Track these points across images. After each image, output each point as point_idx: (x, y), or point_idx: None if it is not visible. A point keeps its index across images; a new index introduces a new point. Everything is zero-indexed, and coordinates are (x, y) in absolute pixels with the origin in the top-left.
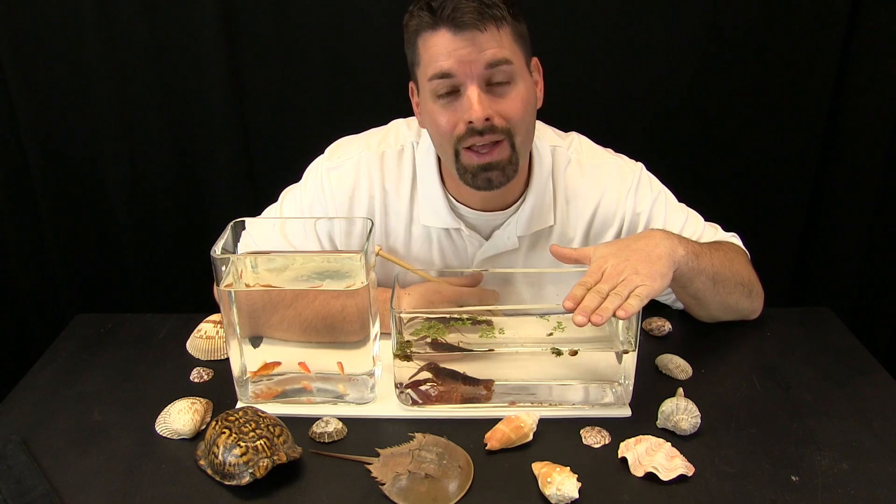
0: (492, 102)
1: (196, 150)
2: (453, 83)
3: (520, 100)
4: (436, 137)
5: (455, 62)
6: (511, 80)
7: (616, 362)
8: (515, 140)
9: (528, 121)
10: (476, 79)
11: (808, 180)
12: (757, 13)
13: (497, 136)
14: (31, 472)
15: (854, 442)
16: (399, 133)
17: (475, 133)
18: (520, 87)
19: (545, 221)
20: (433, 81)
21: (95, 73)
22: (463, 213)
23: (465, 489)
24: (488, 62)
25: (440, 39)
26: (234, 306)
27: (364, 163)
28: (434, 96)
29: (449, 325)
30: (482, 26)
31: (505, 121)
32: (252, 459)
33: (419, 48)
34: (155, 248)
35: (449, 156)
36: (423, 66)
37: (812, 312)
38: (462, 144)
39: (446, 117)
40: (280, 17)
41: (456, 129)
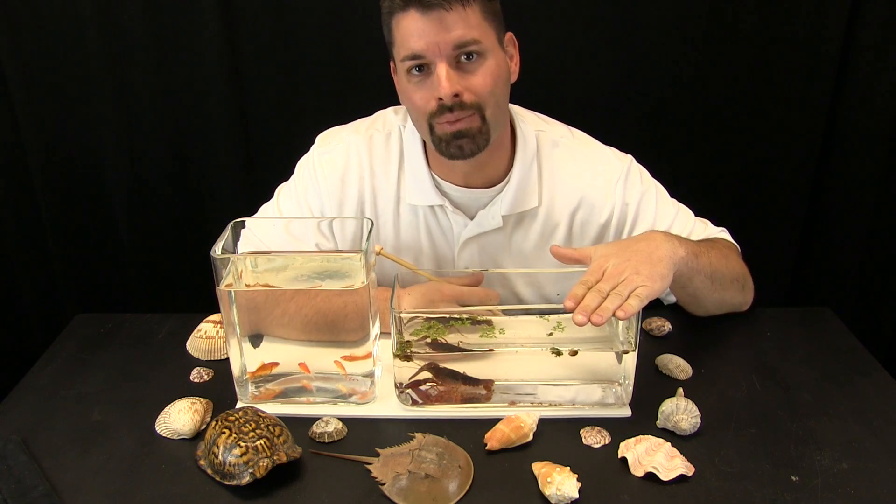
0: (460, 79)
1: (196, 150)
2: (424, 62)
3: (488, 75)
4: (412, 114)
5: (424, 43)
6: (480, 55)
7: (616, 362)
8: (486, 112)
9: (497, 94)
10: (445, 58)
11: (808, 180)
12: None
13: (466, 111)
14: (31, 472)
15: (854, 442)
16: (387, 119)
17: (445, 110)
18: (489, 63)
19: (529, 202)
20: (406, 62)
21: (95, 73)
22: (447, 190)
23: (465, 489)
24: (455, 43)
25: (410, 21)
26: (234, 306)
27: (353, 146)
28: (407, 75)
29: (449, 325)
30: (448, 6)
31: (474, 95)
32: (252, 459)
33: (392, 29)
34: (155, 248)
35: (425, 130)
36: (397, 47)
37: (812, 312)
38: (434, 120)
39: (419, 94)
40: (280, 17)
41: (428, 105)
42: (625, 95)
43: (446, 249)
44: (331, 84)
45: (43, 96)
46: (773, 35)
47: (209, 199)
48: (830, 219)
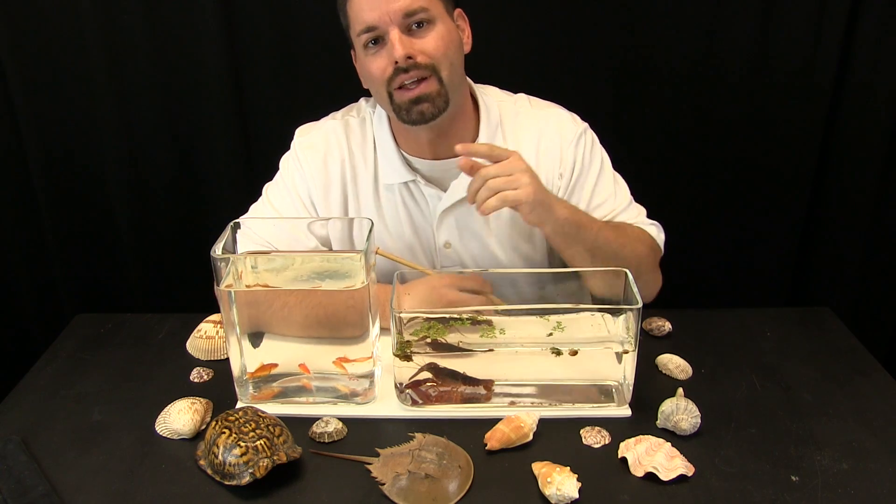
0: (413, 42)
1: (196, 150)
2: (378, 34)
3: (439, 38)
4: (372, 86)
5: (376, 14)
6: (430, 21)
7: (616, 362)
8: (441, 74)
9: (451, 57)
10: (396, 25)
11: (808, 180)
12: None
13: (422, 71)
14: (31, 472)
15: (854, 442)
16: (360, 106)
17: (401, 71)
18: (439, 28)
19: None
20: (361, 36)
21: (95, 73)
22: (417, 165)
23: (465, 489)
24: (404, 10)
25: None
26: (234, 306)
27: (332, 131)
28: (364, 50)
29: (449, 324)
30: None
31: (427, 57)
32: (252, 459)
33: (347, 11)
34: (155, 248)
35: (385, 101)
36: (353, 25)
37: (812, 312)
38: (392, 86)
39: (376, 64)
40: (280, 17)
41: (385, 72)
42: (625, 96)
43: (425, 224)
44: (331, 84)
45: (43, 96)
46: (774, 34)
47: (209, 199)
48: (830, 219)
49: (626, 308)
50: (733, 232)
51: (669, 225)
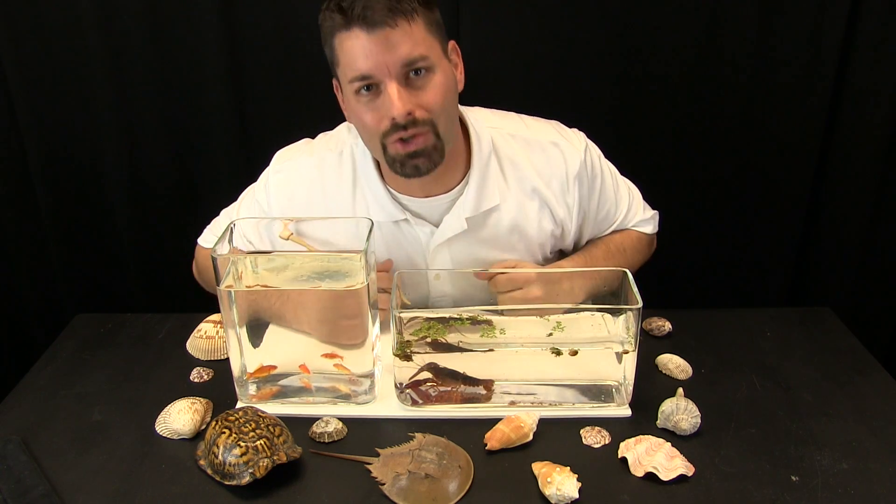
0: (411, 96)
1: (196, 150)
2: (373, 82)
3: (439, 89)
4: (363, 134)
5: (372, 63)
6: (428, 70)
7: (616, 362)
8: (439, 129)
9: (448, 108)
10: (394, 76)
11: (808, 180)
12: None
13: (420, 128)
14: (31, 472)
15: (854, 442)
16: (339, 137)
17: (399, 128)
18: (437, 77)
19: (492, 200)
20: (354, 83)
21: (95, 73)
22: (406, 203)
23: (465, 489)
24: (404, 61)
25: (354, 41)
26: (234, 306)
27: (304, 168)
28: (356, 95)
29: (448, 324)
30: (393, 23)
31: (426, 112)
32: (252, 459)
33: (336, 48)
34: (155, 249)
35: (378, 151)
36: (343, 67)
37: (812, 312)
38: (388, 139)
39: (370, 115)
40: (280, 17)
41: (381, 125)
42: (625, 95)
43: (415, 256)
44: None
45: (43, 96)
46: (774, 34)
47: (209, 199)
48: (830, 219)
49: (626, 308)
50: (733, 232)
51: (669, 225)
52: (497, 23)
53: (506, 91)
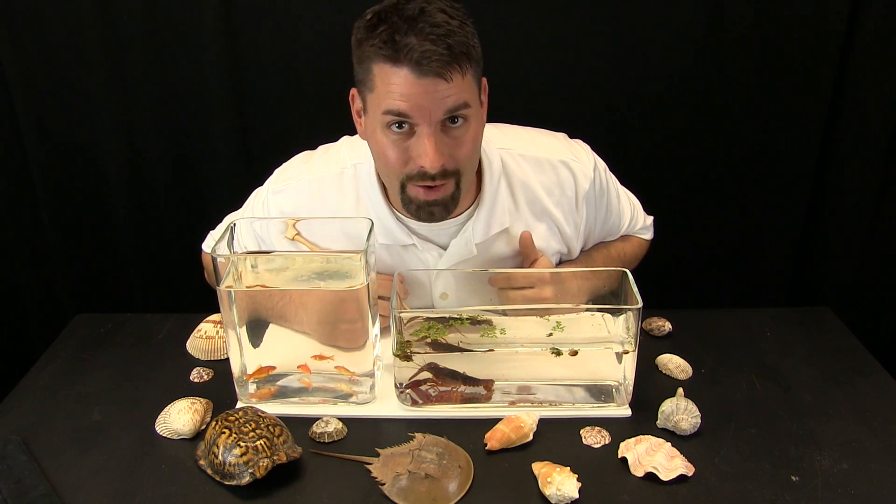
0: (445, 146)
1: (196, 150)
2: (408, 122)
3: (471, 142)
4: (382, 168)
5: (414, 106)
6: (466, 119)
7: (616, 362)
8: (461, 180)
9: (475, 158)
10: (433, 124)
11: (807, 180)
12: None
13: (446, 179)
14: (31, 472)
15: (854, 442)
16: (340, 156)
17: (427, 177)
18: (472, 126)
19: (501, 223)
20: (387, 116)
21: (95, 72)
22: (414, 227)
23: (465, 489)
24: (448, 109)
25: (400, 79)
26: (234, 306)
27: (304, 188)
28: (385, 129)
29: (448, 324)
30: (447, 75)
31: (455, 163)
32: (252, 459)
33: (374, 74)
34: (155, 248)
35: (395, 187)
36: (377, 95)
37: (812, 312)
38: (410, 182)
39: (396, 154)
40: (280, 17)
41: (406, 167)
42: (625, 95)
43: (421, 277)
44: (330, 84)
45: (43, 96)
46: (774, 33)
47: (209, 199)
48: (830, 219)
49: (626, 308)
50: (733, 232)
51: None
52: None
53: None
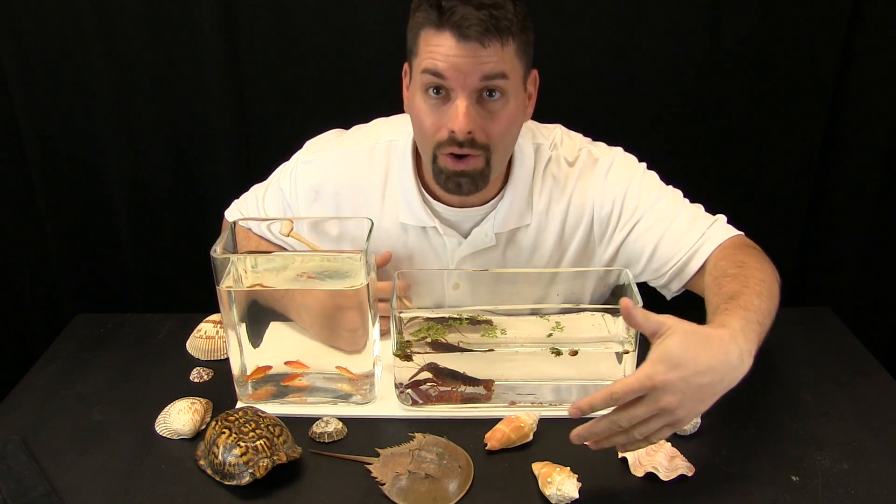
0: (478, 116)
1: (196, 150)
2: (445, 85)
3: (506, 119)
4: (417, 133)
5: (451, 68)
6: (503, 94)
7: (616, 362)
8: (492, 157)
9: (509, 139)
10: (468, 90)
11: (808, 180)
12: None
13: (474, 150)
14: (31, 472)
15: (854, 442)
16: (374, 132)
17: (455, 143)
18: (510, 105)
19: (523, 220)
20: (425, 76)
21: (95, 73)
22: (439, 210)
23: (465, 489)
24: (484, 75)
25: (442, 41)
26: (234, 306)
27: (332, 161)
28: (423, 92)
29: (448, 324)
30: (486, 41)
31: (486, 137)
32: (252, 459)
33: (420, 40)
34: (155, 248)
35: (427, 155)
36: (420, 58)
37: (812, 312)
38: (441, 150)
39: (431, 119)
40: (280, 17)
41: (438, 133)
42: (625, 95)
43: (437, 264)
44: (331, 84)
45: (43, 96)
46: (775, 35)
47: (209, 199)
48: (830, 219)
49: None
50: None
51: None
52: None
53: None
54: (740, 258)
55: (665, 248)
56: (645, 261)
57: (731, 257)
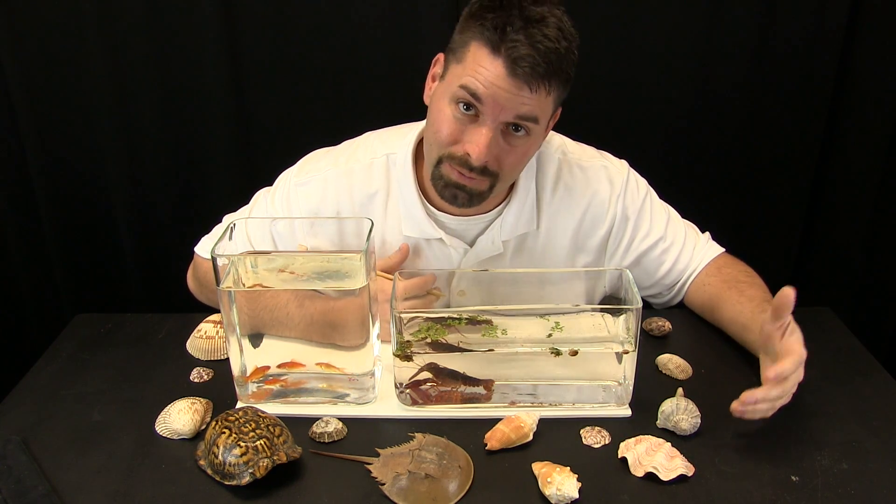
0: (497, 147)
1: (196, 150)
2: (477, 108)
3: (523, 153)
4: (430, 134)
5: (490, 97)
6: (528, 133)
7: (616, 362)
8: (497, 184)
9: (517, 170)
10: (497, 122)
11: (808, 180)
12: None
13: (482, 176)
14: (31, 472)
15: (854, 442)
16: (369, 147)
17: (466, 165)
18: (530, 142)
19: (529, 225)
20: (460, 90)
21: (95, 73)
22: (444, 220)
23: (465, 489)
24: (518, 114)
25: (492, 66)
26: (234, 306)
27: (331, 180)
28: (453, 102)
29: (448, 324)
30: (534, 87)
31: (498, 167)
32: (252, 459)
33: (470, 48)
34: (155, 249)
35: (432, 158)
36: (463, 68)
37: (812, 312)
38: (449, 161)
39: (451, 130)
40: (280, 18)
41: (454, 146)
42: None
43: (447, 277)
44: (331, 85)
45: (43, 96)
46: (774, 35)
47: (209, 199)
48: (830, 219)
49: (626, 308)
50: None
51: None
52: None
53: None
54: (741, 268)
55: (680, 264)
56: (660, 277)
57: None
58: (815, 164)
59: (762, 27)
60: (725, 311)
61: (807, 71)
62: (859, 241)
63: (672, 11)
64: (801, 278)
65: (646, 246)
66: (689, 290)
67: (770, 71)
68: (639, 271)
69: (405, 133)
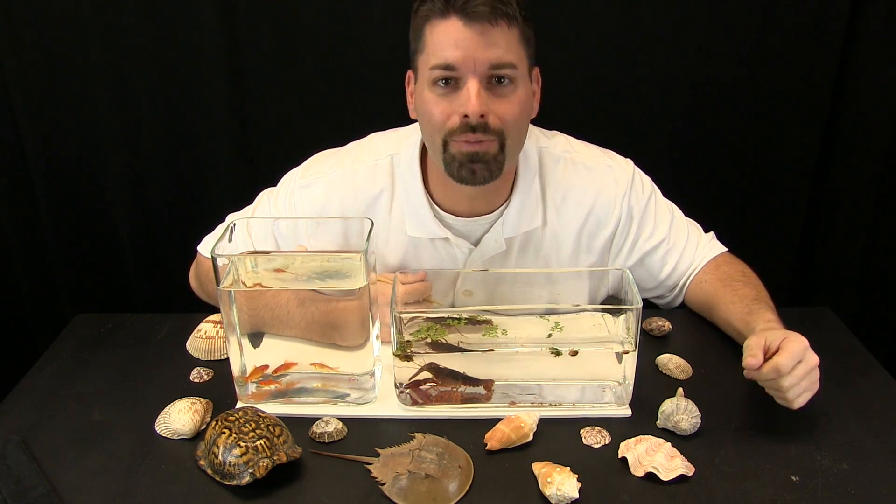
0: (490, 100)
1: (196, 150)
2: (455, 75)
3: (517, 103)
4: (426, 127)
5: (461, 53)
6: (512, 82)
7: (616, 362)
8: (506, 141)
9: (520, 126)
10: (478, 74)
11: (808, 181)
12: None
13: (488, 136)
14: (31, 472)
15: (854, 442)
16: (374, 148)
17: (468, 129)
18: (519, 91)
19: (532, 222)
20: (434, 70)
21: (95, 73)
22: (449, 221)
23: (465, 489)
24: (493, 62)
25: (449, 27)
26: (234, 306)
27: (336, 182)
28: (432, 84)
29: (448, 324)
30: (494, 21)
31: (500, 121)
32: (252, 459)
33: (425, 34)
34: (155, 249)
35: (437, 147)
36: (427, 54)
37: (812, 312)
38: (453, 137)
39: (441, 108)
40: (280, 18)
41: (449, 120)
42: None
43: (451, 277)
44: (331, 85)
45: (43, 96)
46: (774, 35)
47: (209, 199)
48: (830, 219)
49: (626, 308)
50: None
51: None
52: None
53: None
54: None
55: (682, 264)
56: (663, 278)
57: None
58: (816, 164)
59: (763, 27)
60: (720, 310)
61: (807, 71)
62: (860, 240)
63: (673, 11)
64: (801, 278)
65: (650, 246)
66: (688, 288)
67: (771, 71)
68: (642, 272)
69: (409, 134)
